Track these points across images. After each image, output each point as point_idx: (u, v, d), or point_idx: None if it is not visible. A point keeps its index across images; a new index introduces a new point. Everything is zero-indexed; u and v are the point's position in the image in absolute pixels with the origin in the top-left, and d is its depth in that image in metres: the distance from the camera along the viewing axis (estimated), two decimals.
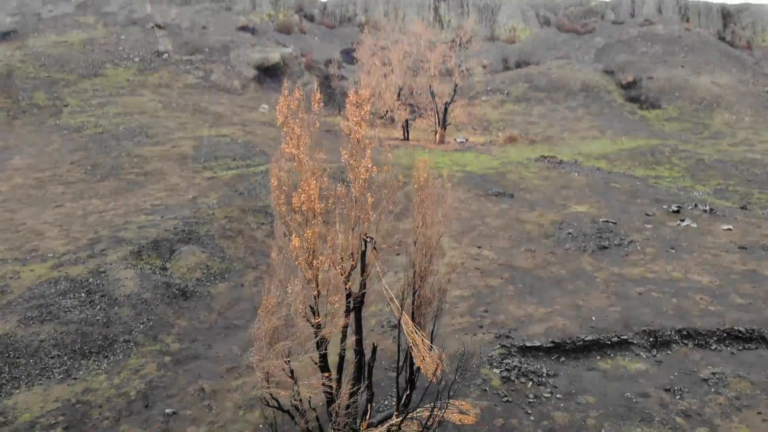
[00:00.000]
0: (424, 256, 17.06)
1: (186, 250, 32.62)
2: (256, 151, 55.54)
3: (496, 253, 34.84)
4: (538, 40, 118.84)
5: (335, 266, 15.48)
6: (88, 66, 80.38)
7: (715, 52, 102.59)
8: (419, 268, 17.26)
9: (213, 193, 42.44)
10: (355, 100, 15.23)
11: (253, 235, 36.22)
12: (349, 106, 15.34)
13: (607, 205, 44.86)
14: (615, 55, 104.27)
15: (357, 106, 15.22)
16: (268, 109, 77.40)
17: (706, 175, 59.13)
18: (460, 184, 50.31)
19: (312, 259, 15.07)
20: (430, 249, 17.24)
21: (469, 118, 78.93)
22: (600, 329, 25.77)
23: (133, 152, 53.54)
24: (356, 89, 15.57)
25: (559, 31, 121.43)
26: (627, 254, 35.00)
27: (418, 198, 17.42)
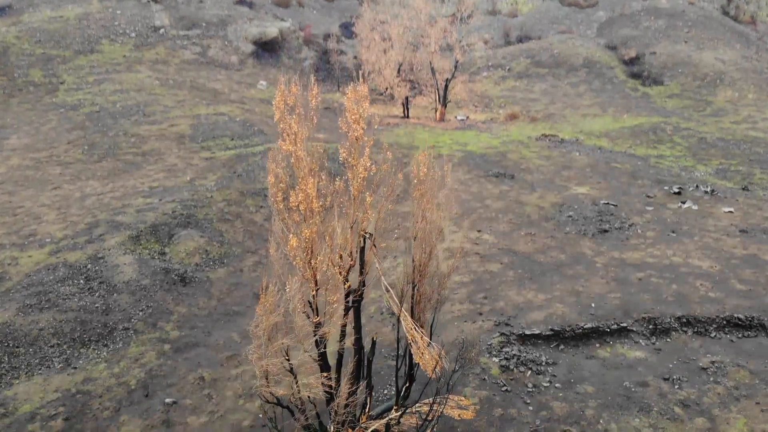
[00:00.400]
0: (423, 252, 16.82)
1: (185, 235, 32.47)
2: (254, 130, 55.02)
3: (496, 236, 34.69)
4: (540, 13, 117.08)
5: (333, 264, 15.28)
6: (83, 42, 79.32)
7: (719, 27, 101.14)
8: (419, 263, 17.06)
9: (211, 175, 42.13)
10: (353, 97, 14.85)
11: (251, 218, 36.04)
12: (347, 102, 14.96)
13: (608, 186, 44.61)
14: (618, 29, 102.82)
15: (356, 103, 14.84)
16: (266, 85, 76.64)
17: (707, 155, 58.71)
18: (461, 165, 49.99)
19: (310, 259, 14.85)
20: (430, 244, 16.97)
21: (469, 95, 78.15)
22: (599, 316, 25.75)
23: (131, 131, 53.04)
24: (354, 85, 15.12)
25: (561, 5, 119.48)
26: (627, 238, 34.86)
27: (417, 192, 17.05)
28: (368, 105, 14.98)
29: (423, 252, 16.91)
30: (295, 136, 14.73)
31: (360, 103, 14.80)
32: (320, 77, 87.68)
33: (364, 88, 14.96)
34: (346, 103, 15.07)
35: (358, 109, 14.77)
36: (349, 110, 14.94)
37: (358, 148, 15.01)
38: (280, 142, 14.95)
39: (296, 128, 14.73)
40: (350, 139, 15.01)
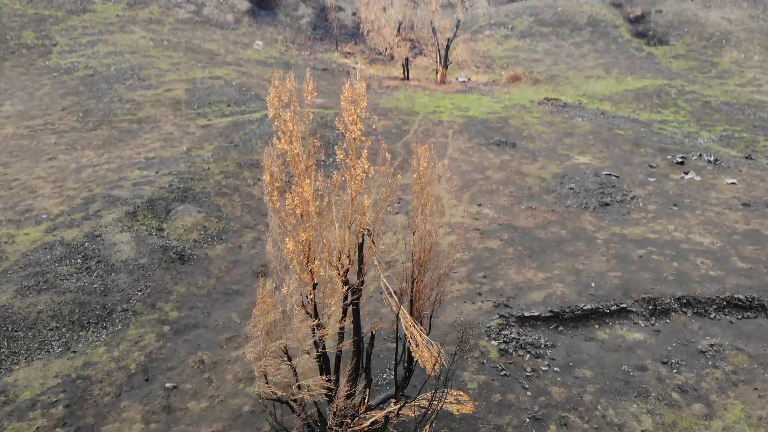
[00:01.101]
0: (423, 249, 16.52)
1: (182, 210, 32.15)
2: (250, 95, 54.06)
3: (497, 211, 34.39)
4: None
5: (331, 264, 15.00)
6: (76, 0, 77.28)
7: None
8: (418, 259, 16.79)
9: (208, 145, 41.53)
10: (350, 96, 14.29)
11: (249, 191, 35.65)
12: (344, 103, 14.41)
13: (610, 155, 44.07)
14: None
15: (352, 103, 14.30)
16: (263, 45, 75.04)
17: (711, 120, 57.86)
18: (461, 132, 49.30)
19: (307, 262, 14.57)
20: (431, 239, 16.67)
21: (471, 55, 76.60)
22: (599, 297, 25.68)
23: (125, 97, 52.11)
24: (351, 82, 14.53)
25: None
26: (629, 212, 34.57)
27: (417, 186, 16.64)
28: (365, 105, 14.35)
29: (423, 249, 16.56)
30: (291, 134, 14.14)
31: (357, 103, 14.22)
32: (318, 35, 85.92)
33: (362, 86, 14.38)
34: (343, 103, 14.46)
35: (355, 109, 14.19)
36: (345, 110, 14.37)
37: (356, 149, 14.48)
38: (274, 139, 14.43)
39: (292, 126, 14.16)
40: (347, 140, 14.50)
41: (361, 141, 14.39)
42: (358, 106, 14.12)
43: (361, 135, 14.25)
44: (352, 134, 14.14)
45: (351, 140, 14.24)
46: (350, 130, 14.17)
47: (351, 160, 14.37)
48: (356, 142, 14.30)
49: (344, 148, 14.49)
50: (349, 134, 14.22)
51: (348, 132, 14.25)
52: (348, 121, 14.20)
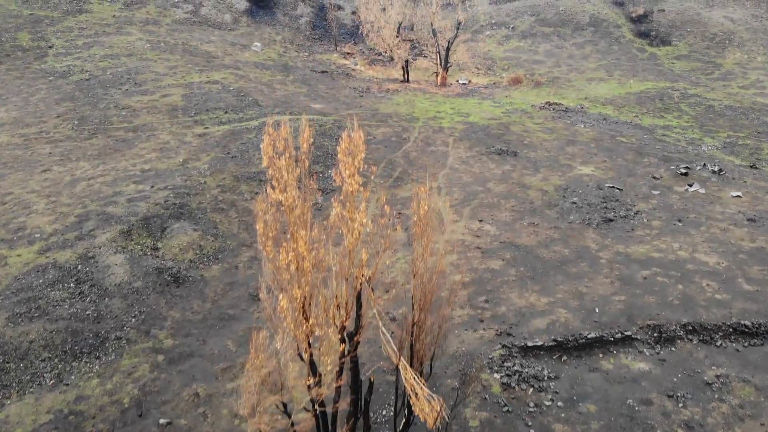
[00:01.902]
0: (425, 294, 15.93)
1: (178, 228, 31.57)
2: (248, 101, 53.36)
3: (498, 227, 33.80)
4: None
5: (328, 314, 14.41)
6: (72, 1, 76.43)
7: None
8: (419, 302, 16.20)
9: (204, 155, 40.89)
10: (347, 148, 13.65)
11: (246, 206, 35.05)
12: (341, 155, 13.78)
13: (613, 165, 43.44)
14: None
15: (350, 155, 13.66)
16: (261, 47, 74.22)
17: (715, 125, 57.21)
18: (462, 140, 48.64)
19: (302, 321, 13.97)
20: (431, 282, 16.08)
21: (472, 56, 75.79)
22: (603, 323, 25.15)
23: (122, 103, 51.41)
24: (348, 132, 13.89)
25: None
26: (633, 228, 33.99)
27: (417, 229, 16.01)
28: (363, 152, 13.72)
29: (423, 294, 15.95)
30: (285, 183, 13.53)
31: (354, 155, 13.56)
32: (316, 35, 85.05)
33: (359, 137, 13.73)
34: (339, 155, 13.82)
35: (353, 161, 13.53)
36: (342, 162, 13.73)
37: (353, 202, 13.86)
38: (269, 189, 13.81)
39: (287, 176, 13.53)
40: (344, 193, 13.88)
41: (359, 192, 13.71)
42: (355, 157, 13.45)
43: (359, 186, 13.58)
44: (349, 187, 13.47)
45: (348, 193, 13.58)
46: (347, 183, 13.50)
47: (348, 211, 13.71)
48: (353, 195, 13.62)
49: (341, 200, 13.82)
50: (346, 186, 13.57)
51: (345, 184, 13.59)
52: (345, 175, 13.53)
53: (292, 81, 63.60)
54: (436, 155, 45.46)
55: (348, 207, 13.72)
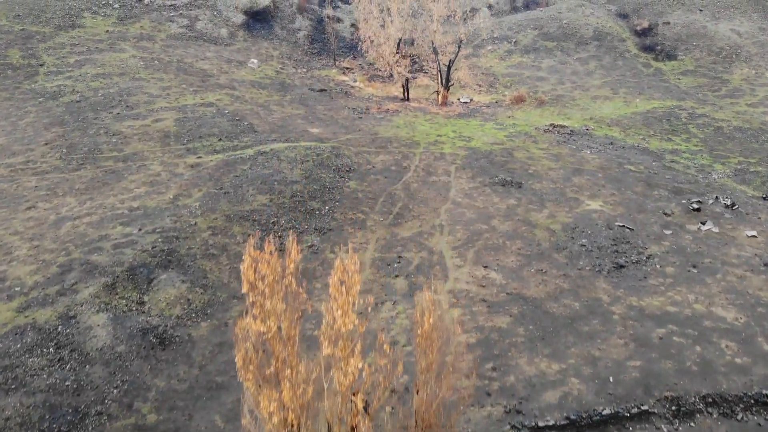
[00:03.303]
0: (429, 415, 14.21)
1: (165, 280, 29.87)
2: (243, 126, 51.66)
3: (504, 275, 32.10)
4: None
5: None
6: (65, 15, 74.64)
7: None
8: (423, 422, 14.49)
9: (196, 191, 39.16)
10: (339, 279, 11.89)
11: (238, 251, 33.32)
12: (333, 289, 12.02)
13: (622, 199, 41.72)
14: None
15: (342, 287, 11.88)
16: (258, 63, 72.48)
17: (725, 150, 55.51)
18: (464, 169, 46.93)
19: None
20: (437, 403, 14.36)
21: (473, 72, 74.03)
22: (619, 396, 23.48)
23: (112, 129, 49.69)
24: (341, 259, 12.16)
25: None
26: (646, 276, 32.30)
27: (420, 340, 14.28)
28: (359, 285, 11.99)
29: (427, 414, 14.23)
30: (268, 314, 11.80)
31: (349, 288, 11.79)
32: (315, 50, 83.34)
33: (354, 265, 12.00)
34: (331, 289, 12.07)
35: (347, 295, 11.75)
36: (333, 298, 11.98)
37: (348, 344, 12.10)
38: (249, 319, 12.09)
39: (269, 305, 11.79)
40: (335, 331, 12.12)
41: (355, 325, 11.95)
42: (350, 290, 11.68)
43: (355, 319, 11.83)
44: (343, 327, 11.74)
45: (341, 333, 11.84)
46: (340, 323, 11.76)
47: (341, 350, 11.95)
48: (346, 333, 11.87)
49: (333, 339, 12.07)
50: (338, 324, 11.82)
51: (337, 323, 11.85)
52: (337, 315, 11.76)
53: (290, 101, 61.88)
54: (438, 187, 43.75)
55: (341, 347, 11.95)
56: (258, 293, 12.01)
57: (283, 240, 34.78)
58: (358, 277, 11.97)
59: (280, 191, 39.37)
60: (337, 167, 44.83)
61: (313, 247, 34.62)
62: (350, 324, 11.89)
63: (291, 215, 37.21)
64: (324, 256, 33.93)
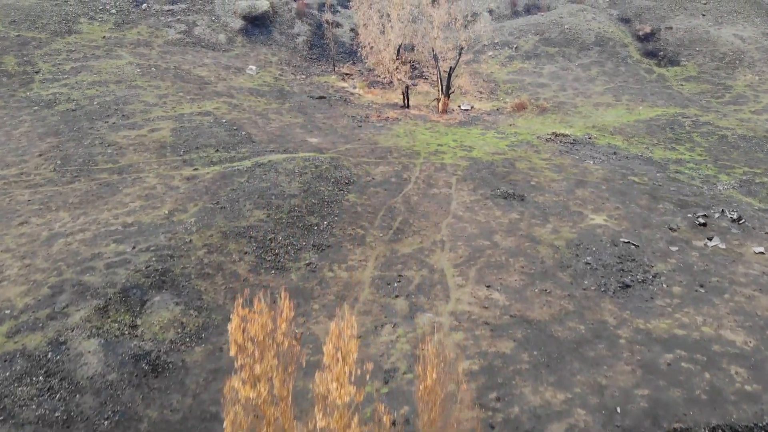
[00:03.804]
0: None
1: (158, 302, 29.06)
2: (241, 137, 50.85)
3: (508, 295, 31.29)
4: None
5: None
6: (61, 21, 73.82)
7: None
8: None
9: (191, 206, 38.33)
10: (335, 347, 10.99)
11: (234, 270, 32.53)
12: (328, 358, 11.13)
13: (626, 213, 40.92)
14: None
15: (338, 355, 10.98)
16: (256, 70, 71.68)
17: (730, 159, 54.72)
18: (465, 180, 46.11)
19: None
20: None
21: (474, 80, 73.22)
22: (626, 428, 22.70)
23: (107, 139, 48.90)
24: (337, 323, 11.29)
25: None
26: (652, 296, 31.50)
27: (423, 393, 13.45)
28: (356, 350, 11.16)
29: None
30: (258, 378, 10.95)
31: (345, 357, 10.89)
32: (314, 55, 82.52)
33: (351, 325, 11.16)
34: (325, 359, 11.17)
35: (344, 364, 10.84)
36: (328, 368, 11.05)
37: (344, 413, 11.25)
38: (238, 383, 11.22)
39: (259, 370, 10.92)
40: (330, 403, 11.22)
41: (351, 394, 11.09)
42: (346, 359, 10.79)
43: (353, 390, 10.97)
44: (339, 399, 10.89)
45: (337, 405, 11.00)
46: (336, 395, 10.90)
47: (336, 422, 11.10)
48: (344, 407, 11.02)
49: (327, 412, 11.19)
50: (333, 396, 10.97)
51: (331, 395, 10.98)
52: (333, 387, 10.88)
53: (288, 110, 61.05)
54: (439, 200, 42.94)
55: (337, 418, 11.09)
56: (247, 355, 11.12)
57: (279, 259, 34.02)
58: (355, 344, 11.09)
59: (278, 206, 38.55)
60: (336, 179, 44.01)
61: (311, 265, 33.80)
62: (346, 396, 11.00)
63: (288, 231, 36.40)
64: (322, 275, 33.11)
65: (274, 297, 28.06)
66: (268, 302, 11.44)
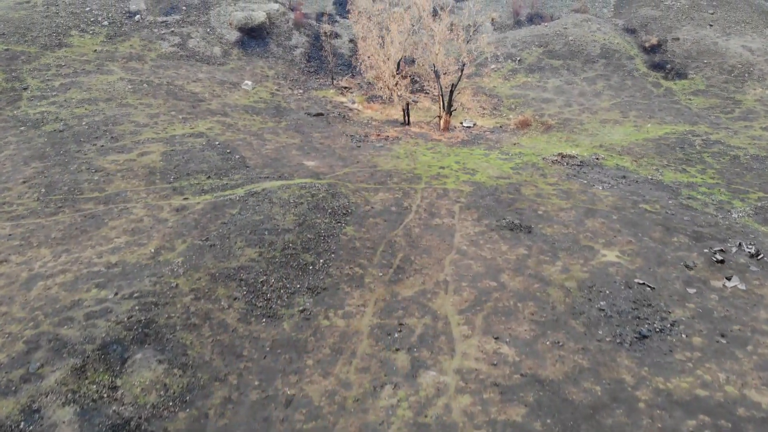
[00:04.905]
0: None
1: (140, 360, 26.92)
2: (235, 161, 48.73)
3: (518, 349, 29.14)
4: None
5: None
6: (51, 34, 71.71)
7: (746, 7, 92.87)
8: None
9: (179, 242, 36.19)
10: None
11: (222, 319, 30.37)
12: None
13: (639, 248, 38.78)
14: (637, 8, 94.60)
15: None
16: (252, 85, 69.56)
17: (743, 183, 52.61)
18: (469, 208, 43.98)
19: None
20: None
21: (476, 97, 71.08)
22: None
23: (95, 164, 46.78)
24: None
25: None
26: (671, 349, 29.36)
27: None
28: None
29: None
30: None
31: None
32: (312, 68, 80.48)
33: None
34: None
35: None
36: None
37: None
38: None
39: None
40: None
41: None
42: None
43: None
44: None
45: None
46: None
47: None
48: None
49: None
50: None
51: None
52: None
53: (285, 129, 58.92)
54: (441, 231, 40.80)
55: None
56: None
57: (271, 304, 31.86)
58: None
59: (271, 242, 36.41)
60: (334, 210, 41.87)
61: (305, 312, 31.64)
62: None
63: (282, 272, 34.24)
64: (317, 324, 30.96)
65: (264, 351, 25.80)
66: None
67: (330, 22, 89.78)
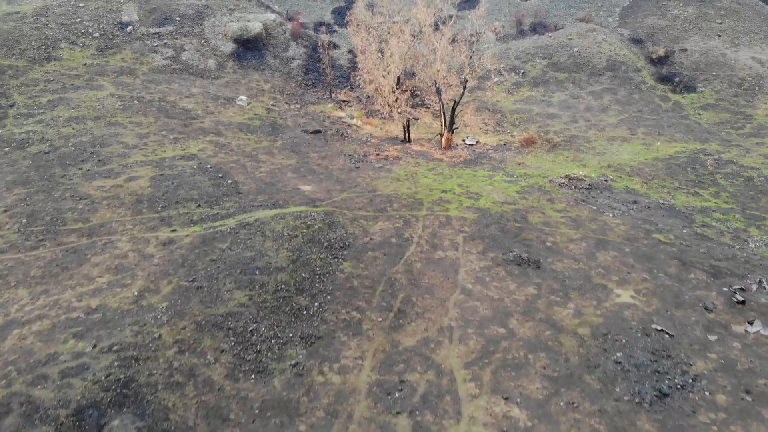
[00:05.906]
0: None
1: (117, 428, 24.61)
2: (227, 186, 46.44)
3: (530, 411, 26.84)
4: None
5: None
6: (41, 46, 69.41)
7: (754, 17, 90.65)
8: None
9: (165, 284, 33.89)
10: None
11: (208, 376, 28.05)
12: None
13: (655, 287, 36.50)
14: (642, 17, 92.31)
15: None
16: (247, 101, 67.24)
17: (758, 207, 50.36)
18: (474, 240, 41.68)
19: None
20: None
21: (479, 114, 68.74)
22: None
23: (80, 190, 44.50)
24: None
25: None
26: (694, 410, 27.08)
27: None
28: None
29: None
30: None
31: None
32: (309, 81, 78.16)
33: None
34: None
35: None
36: None
37: None
38: None
39: None
40: None
41: None
42: None
43: None
44: None
45: None
46: None
47: None
48: None
49: None
50: None
51: None
52: None
53: (281, 148, 56.62)
54: (445, 266, 38.51)
55: None
56: None
57: (261, 357, 29.53)
58: None
59: (262, 284, 34.10)
60: (330, 243, 39.59)
61: (297, 366, 29.31)
62: None
63: (273, 319, 31.92)
64: (311, 380, 28.64)
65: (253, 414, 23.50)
66: None
67: (328, 33, 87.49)
